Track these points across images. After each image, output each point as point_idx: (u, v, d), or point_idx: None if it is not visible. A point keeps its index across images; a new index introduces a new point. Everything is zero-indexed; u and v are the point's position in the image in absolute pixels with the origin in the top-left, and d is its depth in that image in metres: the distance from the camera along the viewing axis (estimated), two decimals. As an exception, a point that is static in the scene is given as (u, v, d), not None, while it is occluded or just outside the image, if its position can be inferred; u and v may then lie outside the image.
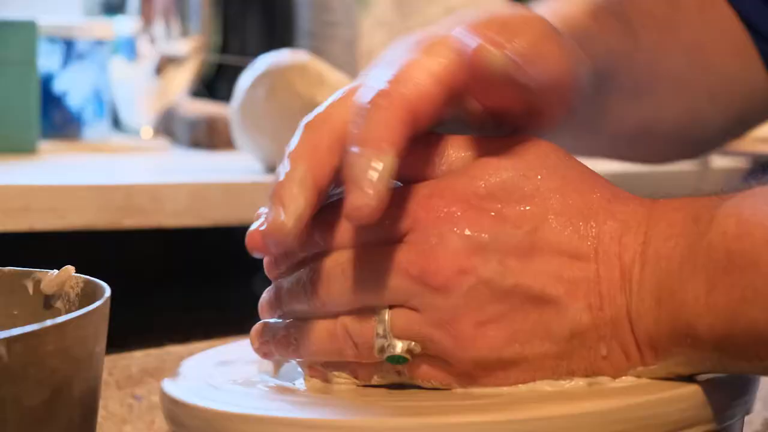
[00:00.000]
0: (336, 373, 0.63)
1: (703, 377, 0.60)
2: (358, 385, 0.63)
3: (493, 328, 0.58)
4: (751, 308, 0.55)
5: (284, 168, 0.60)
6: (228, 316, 0.92)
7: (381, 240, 0.59)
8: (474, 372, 0.59)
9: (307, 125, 0.62)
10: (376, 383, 0.62)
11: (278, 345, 0.64)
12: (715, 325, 0.57)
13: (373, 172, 0.56)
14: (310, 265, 0.62)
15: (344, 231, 0.60)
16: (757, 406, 0.73)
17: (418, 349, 0.59)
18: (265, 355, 0.65)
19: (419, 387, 0.62)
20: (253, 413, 0.59)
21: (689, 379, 0.59)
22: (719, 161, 1.42)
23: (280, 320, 0.64)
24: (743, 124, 0.92)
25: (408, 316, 0.59)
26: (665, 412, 0.58)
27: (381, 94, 0.59)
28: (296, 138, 0.61)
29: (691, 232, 0.58)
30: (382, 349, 0.59)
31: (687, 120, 0.86)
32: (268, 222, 0.58)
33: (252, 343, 0.66)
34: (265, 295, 0.65)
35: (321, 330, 0.62)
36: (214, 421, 0.60)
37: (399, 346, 0.59)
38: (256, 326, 0.66)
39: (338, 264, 0.60)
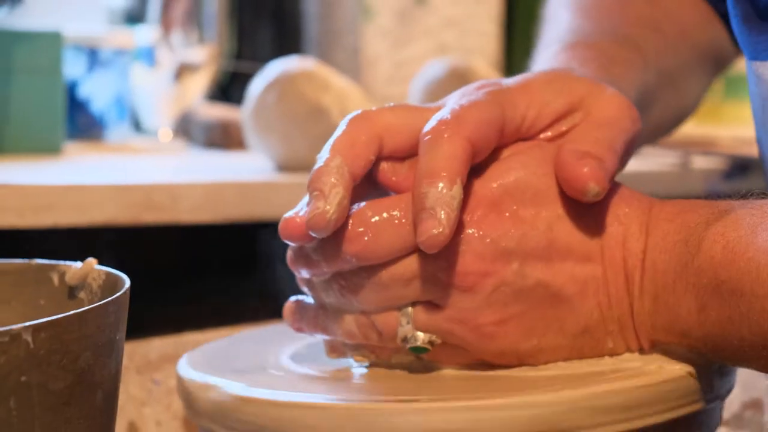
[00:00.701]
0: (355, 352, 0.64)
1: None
2: (378, 364, 0.64)
3: (513, 324, 0.59)
4: (739, 328, 0.55)
5: (323, 157, 0.60)
6: (240, 306, 0.92)
7: (410, 248, 0.59)
8: (491, 360, 0.60)
9: (350, 120, 0.62)
10: (395, 362, 0.63)
11: (308, 324, 0.64)
12: (707, 337, 0.58)
13: (447, 201, 0.56)
14: (342, 274, 0.61)
15: (376, 245, 0.59)
16: (736, 389, 0.73)
17: (438, 341, 0.60)
18: (298, 330, 0.65)
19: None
20: (261, 397, 0.59)
21: (677, 364, 0.60)
22: (700, 162, 1.42)
23: (311, 301, 0.64)
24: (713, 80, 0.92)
25: (430, 311, 0.59)
26: (657, 394, 0.58)
27: (447, 127, 0.59)
28: (338, 131, 0.61)
29: (682, 252, 0.58)
30: (405, 339, 0.60)
31: (680, 102, 0.86)
32: (310, 211, 0.58)
33: (286, 319, 0.66)
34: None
35: (349, 319, 0.62)
36: (225, 404, 0.60)
37: (421, 338, 0.60)
38: (289, 305, 0.66)
39: (370, 275, 0.60)
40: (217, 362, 0.67)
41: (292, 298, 0.66)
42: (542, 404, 0.56)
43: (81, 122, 1.45)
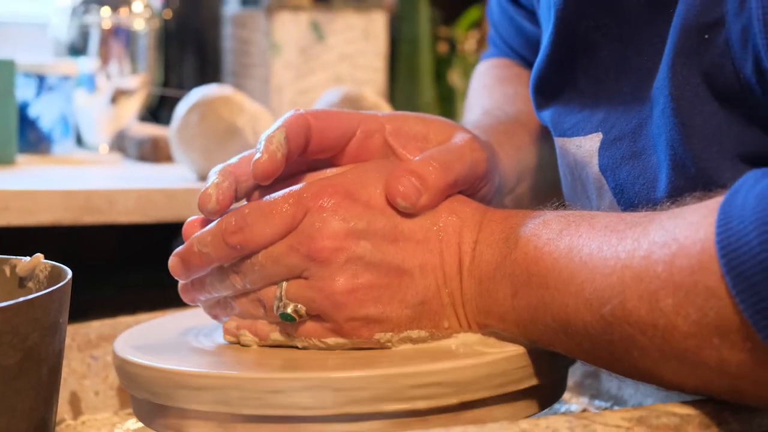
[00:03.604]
0: (243, 331, 0.63)
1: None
2: (260, 345, 0.63)
3: (362, 292, 0.59)
4: (543, 315, 0.56)
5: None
6: (167, 294, 0.91)
7: (286, 230, 0.60)
8: (345, 326, 0.60)
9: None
10: (272, 342, 0.63)
11: (221, 310, 0.65)
12: (519, 320, 0.58)
13: (266, 144, 0.60)
14: (234, 264, 0.62)
15: (252, 234, 0.60)
16: (578, 362, 0.74)
17: (303, 311, 0.60)
18: (215, 317, 0.66)
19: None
20: (169, 368, 0.59)
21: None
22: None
23: (225, 294, 0.64)
24: None
25: (299, 283, 0.60)
26: (518, 365, 0.58)
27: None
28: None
29: (503, 247, 0.59)
30: (278, 309, 0.60)
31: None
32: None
33: (205, 311, 0.66)
34: (183, 284, 0.65)
35: (243, 300, 0.63)
36: (149, 375, 0.60)
37: (290, 307, 0.60)
38: (208, 301, 0.65)
39: (253, 259, 0.61)
40: (145, 341, 0.66)
41: (212, 296, 0.65)
42: (400, 375, 0.56)
43: (31, 138, 1.44)
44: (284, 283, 0.60)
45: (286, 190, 0.60)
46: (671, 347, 0.50)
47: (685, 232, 0.49)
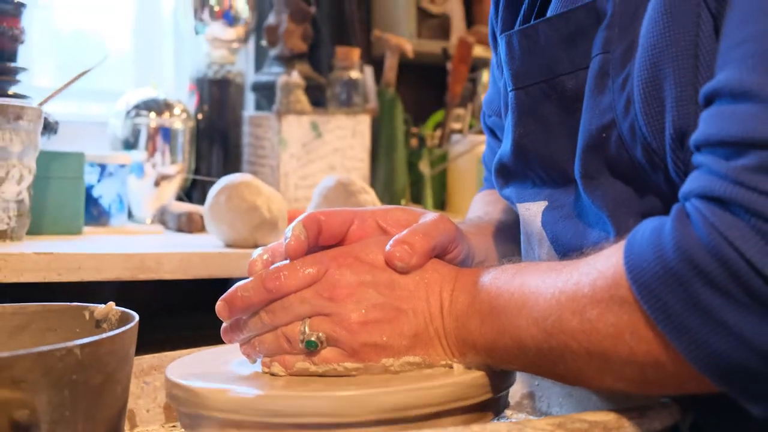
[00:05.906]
0: (275, 363, 0.64)
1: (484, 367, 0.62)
2: (287, 374, 0.64)
3: (371, 325, 0.61)
4: (503, 337, 0.59)
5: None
6: (203, 334, 0.92)
7: (311, 281, 0.62)
8: (359, 350, 0.62)
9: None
10: (297, 370, 0.63)
11: (251, 349, 0.66)
12: (485, 345, 0.60)
13: (292, 232, 0.63)
14: (266, 307, 0.64)
15: (287, 281, 0.62)
16: (517, 384, 0.76)
17: (323, 338, 0.62)
18: (248, 356, 0.66)
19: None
20: (204, 387, 0.60)
21: (482, 369, 0.62)
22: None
23: (256, 333, 0.65)
24: None
25: (321, 319, 0.62)
26: (464, 388, 0.60)
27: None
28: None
29: (473, 291, 0.62)
30: (302, 340, 0.62)
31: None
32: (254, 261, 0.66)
33: (241, 351, 0.67)
34: (226, 325, 0.67)
35: (270, 337, 0.64)
36: (188, 394, 0.61)
37: (313, 335, 0.61)
38: (243, 341, 0.66)
39: (283, 301, 0.63)
40: (187, 370, 0.66)
41: (245, 336, 0.66)
42: (393, 392, 0.57)
43: (94, 213, 1.44)
44: (308, 319, 0.62)
45: (312, 255, 0.63)
46: (594, 346, 0.53)
47: (602, 263, 0.53)
